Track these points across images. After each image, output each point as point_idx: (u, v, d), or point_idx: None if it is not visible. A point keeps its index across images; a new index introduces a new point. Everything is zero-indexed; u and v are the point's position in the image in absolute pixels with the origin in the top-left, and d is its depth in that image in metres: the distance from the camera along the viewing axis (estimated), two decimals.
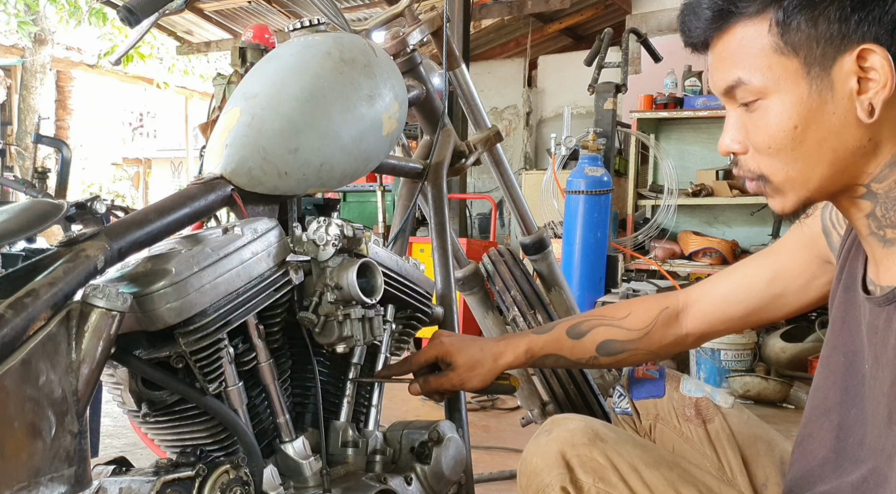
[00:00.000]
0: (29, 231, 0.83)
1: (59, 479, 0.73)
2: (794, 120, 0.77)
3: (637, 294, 3.73)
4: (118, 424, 2.79)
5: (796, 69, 0.77)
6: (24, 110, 9.15)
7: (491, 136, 1.64)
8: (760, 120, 0.80)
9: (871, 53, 0.74)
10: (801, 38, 0.76)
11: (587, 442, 0.82)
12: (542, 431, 0.86)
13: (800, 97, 0.77)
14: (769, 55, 0.78)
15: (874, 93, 0.74)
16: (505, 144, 7.54)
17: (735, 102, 0.82)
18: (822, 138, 0.77)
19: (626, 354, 1.16)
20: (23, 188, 4.02)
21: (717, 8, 0.80)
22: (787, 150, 0.79)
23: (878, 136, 0.77)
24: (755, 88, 0.79)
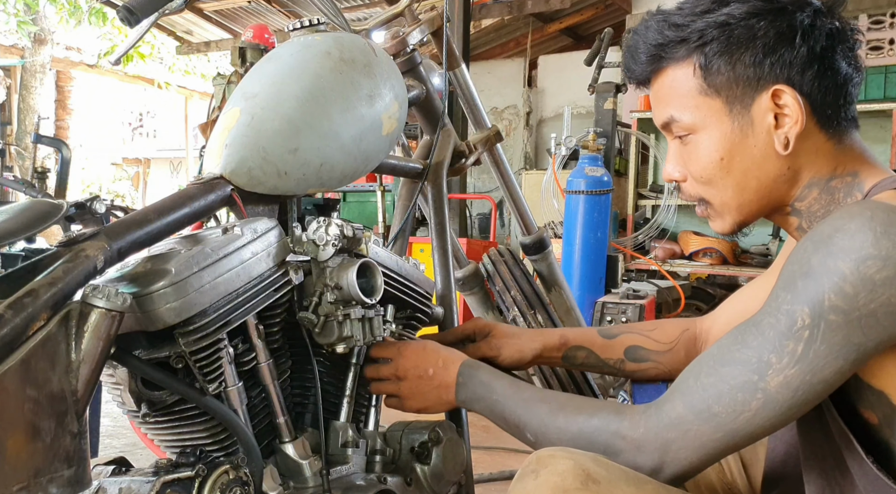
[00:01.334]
0: (28, 231, 0.82)
1: (59, 479, 0.73)
2: (720, 153, 0.87)
3: (637, 294, 3.73)
4: (118, 424, 2.79)
5: (720, 108, 0.86)
6: (24, 110, 9.15)
7: (491, 136, 1.64)
8: (693, 153, 0.89)
9: (783, 93, 0.83)
10: (722, 80, 0.85)
11: (580, 487, 0.77)
12: (528, 472, 0.82)
13: (724, 133, 0.86)
14: (695, 96, 0.87)
15: (788, 128, 0.83)
16: (505, 144, 7.54)
17: (672, 135, 0.92)
18: (746, 169, 0.86)
19: (650, 364, 1.19)
20: (22, 188, 4.01)
21: (650, 53, 0.90)
22: (718, 179, 0.88)
23: (796, 164, 0.86)
24: (685, 124, 0.89)
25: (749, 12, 0.83)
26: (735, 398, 0.78)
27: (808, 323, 0.74)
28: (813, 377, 0.75)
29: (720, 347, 0.82)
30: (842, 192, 0.85)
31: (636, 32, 0.92)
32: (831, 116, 0.85)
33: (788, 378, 0.75)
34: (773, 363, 0.76)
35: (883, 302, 0.71)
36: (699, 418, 0.80)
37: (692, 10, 0.86)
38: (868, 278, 0.71)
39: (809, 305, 0.74)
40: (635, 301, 3.60)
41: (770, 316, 0.77)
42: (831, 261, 0.73)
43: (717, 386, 0.79)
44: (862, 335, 0.73)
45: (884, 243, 0.71)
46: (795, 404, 0.77)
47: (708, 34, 0.85)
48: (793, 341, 0.75)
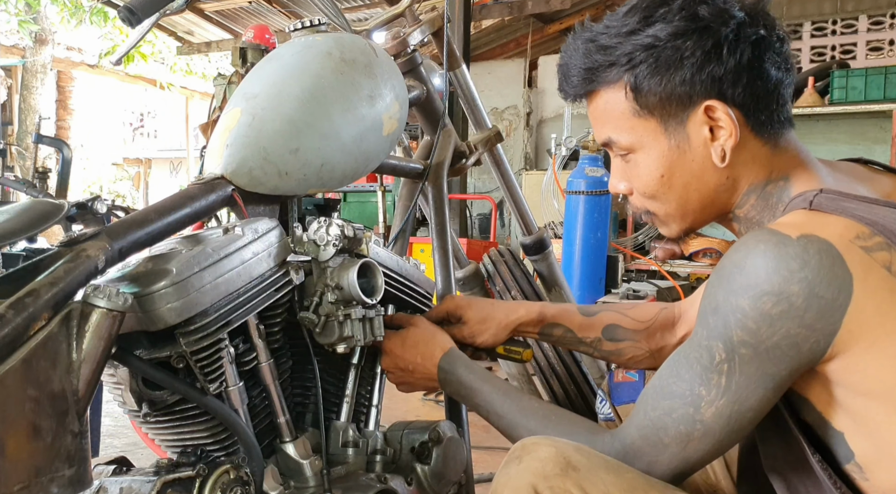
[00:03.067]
0: (30, 231, 0.83)
1: (60, 479, 0.73)
2: (660, 170, 0.89)
3: (637, 294, 3.73)
4: (119, 424, 2.79)
5: (655, 127, 0.88)
6: (25, 110, 9.15)
7: (491, 136, 1.64)
8: (634, 170, 0.92)
9: (715, 109, 0.84)
10: (654, 101, 0.86)
11: (559, 473, 0.81)
12: (512, 458, 0.85)
13: (662, 151, 0.88)
14: (630, 118, 0.89)
15: (724, 140, 0.85)
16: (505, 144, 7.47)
17: (613, 152, 0.93)
18: (686, 182, 0.89)
19: (627, 343, 1.19)
20: (23, 188, 4.01)
21: (581, 76, 0.91)
22: (660, 194, 0.91)
23: (734, 173, 0.88)
24: (623, 145, 0.91)
25: (674, 33, 0.84)
26: (679, 429, 0.83)
27: (724, 358, 0.79)
28: (741, 407, 0.80)
29: (661, 378, 0.86)
30: (774, 197, 0.88)
31: (566, 53, 0.92)
32: (765, 122, 0.86)
33: (720, 409, 0.80)
34: (703, 395, 0.81)
35: (783, 335, 0.75)
36: (655, 449, 0.85)
37: (618, 31, 0.87)
38: (766, 313, 0.75)
39: (722, 341, 0.78)
40: (636, 301, 3.60)
41: (694, 351, 0.81)
42: (733, 298, 0.77)
43: (663, 419, 0.84)
44: (773, 365, 0.77)
45: (775, 279, 0.74)
46: (732, 430, 0.81)
47: (636, 57, 0.85)
48: (716, 374, 0.80)
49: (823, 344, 0.75)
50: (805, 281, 0.74)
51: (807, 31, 5.42)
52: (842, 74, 4.47)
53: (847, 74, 4.49)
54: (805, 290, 0.74)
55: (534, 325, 1.22)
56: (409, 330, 1.14)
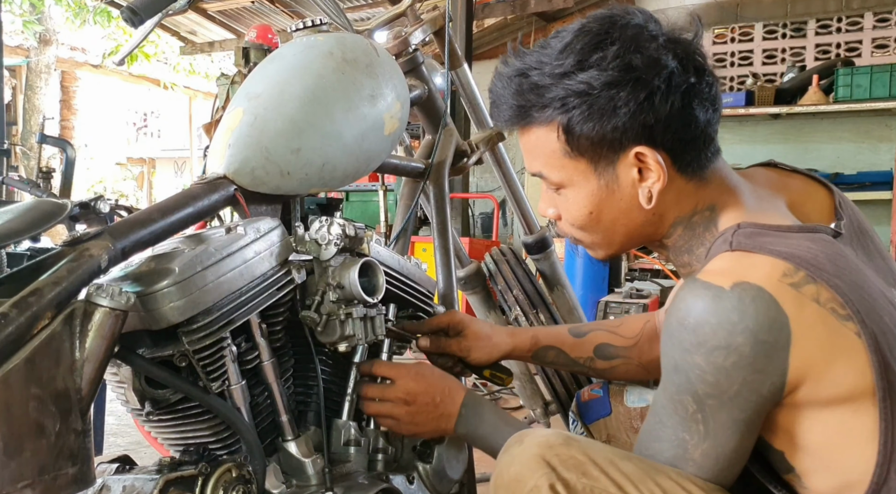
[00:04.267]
0: (33, 231, 0.83)
1: (63, 477, 0.73)
2: (588, 208, 0.92)
3: (640, 293, 3.73)
4: (122, 422, 2.79)
5: (585, 168, 0.90)
6: (29, 110, 9.18)
7: (493, 135, 1.64)
8: (563, 203, 0.95)
9: (644, 156, 0.87)
10: (585, 144, 0.88)
11: (563, 442, 0.85)
12: (512, 443, 0.88)
13: (591, 190, 0.91)
14: (560, 157, 0.91)
15: (651, 183, 0.88)
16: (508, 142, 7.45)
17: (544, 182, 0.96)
18: (614, 219, 0.92)
19: (619, 361, 1.23)
20: (27, 188, 4.02)
21: (513, 112, 0.92)
22: (588, 227, 0.94)
23: (660, 209, 0.91)
24: (554, 181, 0.93)
25: (608, 82, 0.85)
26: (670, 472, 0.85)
27: (696, 408, 0.83)
28: (724, 449, 0.83)
29: (649, 423, 0.89)
30: (700, 227, 0.91)
31: (497, 83, 0.94)
32: (691, 162, 0.89)
33: (706, 451, 0.84)
34: (688, 440, 0.85)
35: (741, 383, 0.79)
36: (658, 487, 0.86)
37: (551, 72, 0.87)
38: (720, 367, 0.79)
39: (689, 394, 0.82)
40: (638, 301, 3.60)
41: (670, 403, 0.85)
42: (688, 357, 0.81)
43: (657, 458, 0.87)
44: (740, 411, 0.81)
45: (721, 333, 0.78)
46: (723, 468, 0.85)
47: (569, 102, 0.87)
48: (693, 422, 0.84)
49: (779, 384, 0.79)
50: (747, 331, 0.77)
51: (811, 28, 5.40)
52: (846, 72, 4.46)
53: (852, 71, 4.47)
54: (749, 339, 0.78)
55: (527, 350, 1.25)
56: (422, 366, 1.13)
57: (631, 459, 0.85)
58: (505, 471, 0.86)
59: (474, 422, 1.09)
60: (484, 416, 1.09)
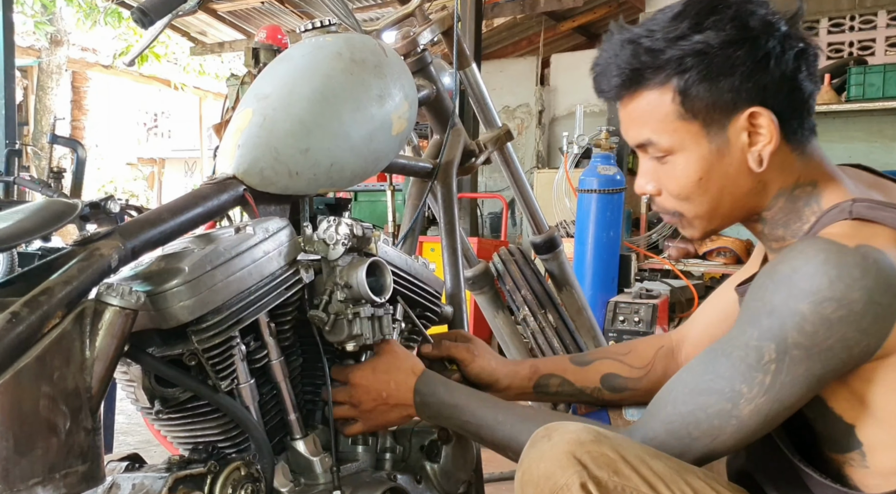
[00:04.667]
0: (44, 230, 0.84)
1: (74, 475, 0.74)
2: (698, 173, 0.91)
3: (650, 294, 3.72)
4: (132, 421, 2.81)
5: (697, 131, 0.90)
6: (41, 111, 9.24)
7: (501, 135, 1.64)
8: (670, 172, 0.93)
9: (759, 115, 0.87)
10: (700, 105, 0.88)
11: (594, 439, 0.84)
12: (539, 438, 0.87)
13: (702, 154, 0.90)
14: (673, 120, 0.90)
15: (762, 146, 0.88)
16: (517, 142, 7.45)
17: (647, 154, 0.95)
18: (722, 186, 0.91)
19: (629, 393, 1.21)
20: (39, 188, 4.06)
21: (624, 76, 0.91)
22: (695, 196, 0.93)
23: (766, 178, 0.91)
24: (663, 147, 0.92)
25: (726, 41, 0.86)
26: (712, 424, 0.86)
27: (774, 358, 0.82)
28: (780, 405, 0.84)
29: (694, 374, 0.89)
30: (802, 201, 0.92)
31: (605, 52, 0.93)
32: (796, 130, 0.90)
33: (759, 406, 0.84)
34: (744, 393, 0.84)
35: (839, 338, 0.80)
36: (681, 443, 0.88)
37: (665, 36, 0.88)
38: (825, 317, 0.80)
39: (775, 342, 0.82)
40: (648, 301, 3.59)
41: (739, 350, 0.85)
42: (792, 302, 0.81)
43: (696, 414, 0.87)
44: (821, 366, 0.82)
45: (839, 286, 0.79)
46: (764, 426, 0.86)
47: (686, 62, 0.87)
48: (761, 373, 0.83)
49: (874, 347, 0.81)
50: (865, 289, 0.79)
51: (823, 27, 5.36)
52: (859, 71, 4.42)
53: (865, 70, 4.43)
54: (864, 297, 0.79)
55: (528, 378, 1.20)
56: (377, 358, 1.10)
57: (661, 457, 0.85)
58: (533, 467, 0.85)
59: (432, 405, 1.07)
60: (441, 397, 1.06)
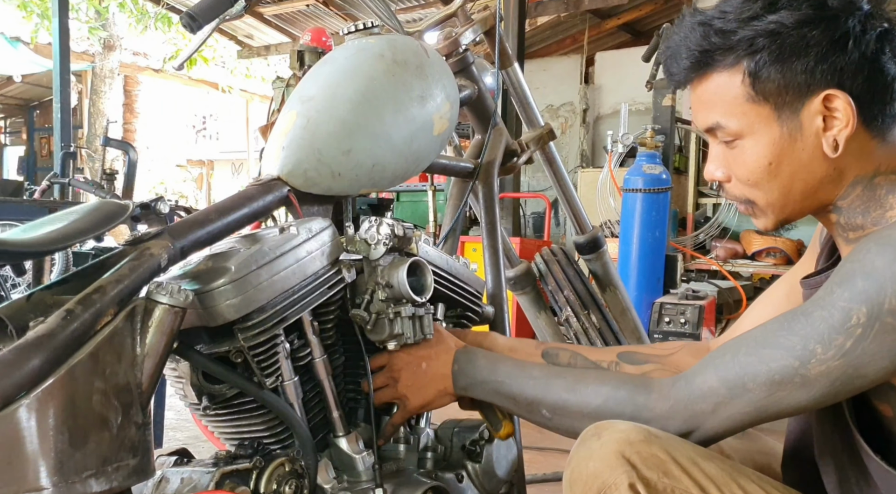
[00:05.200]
0: (97, 231, 0.86)
1: (125, 468, 0.76)
2: (768, 158, 0.87)
3: (697, 295, 3.65)
4: (181, 417, 2.88)
5: (768, 114, 0.86)
6: (94, 114, 9.52)
7: (544, 134, 1.63)
8: (739, 157, 0.89)
9: (835, 98, 0.83)
10: (771, 87, 0.84)
11: (644, 439, 0.82)
12: (589, 436, 0.86)
13: (772, 138, 0.86)
14: (742, 103, 0.86)
15: (838, 130, 0.84)
16: (561, 141, 7.42)
17: (716, 139, 0.91)
18: (793, 172, 0.87)
19: (652, 366, 1.13)
20: (92, 189, 4.19)
21: (694, 58, 0.88)
22: (765, 181, 0.89)
23: (841, 164, 0.86)
24: (732, 131, 0.88)
25: (800, 21, 0.82)
26: (772, 379, 0.81)
27: (863, 322, 0.77)
28: (854, 372, 0.78)
29: (764, 330, 0.84)
30: (884, 188, 0.86)
31: (676, 35, 0.91)
32: (877, 116, 0.85)
33: (830, 369, 0.79)
34: (817, 353, 0.79)
35: None
36: (731, 393, 0.84)
37: (738, 17, 0.85)
38: None
39: (868, 305, 0.77)
40: (695, 302, 3.52)
41: (822, 309, 0.80)
42: None
43: (756, 366, 0.82)
44: None
45: None
46: (829, 393, 0.81)
47: (758, 43, 0.84)
48: (843, 336, 0.78)
49: None
50: None
51: None
52: None
53: None
54: None
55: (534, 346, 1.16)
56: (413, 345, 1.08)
57: (713, 459, 0.83)
58: (582, 466, 0.84)
59: (473, 374, 1.04)
60: (482, 364, 1.04)
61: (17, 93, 11.34)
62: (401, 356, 1.08)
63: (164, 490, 0.94)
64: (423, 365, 1.07)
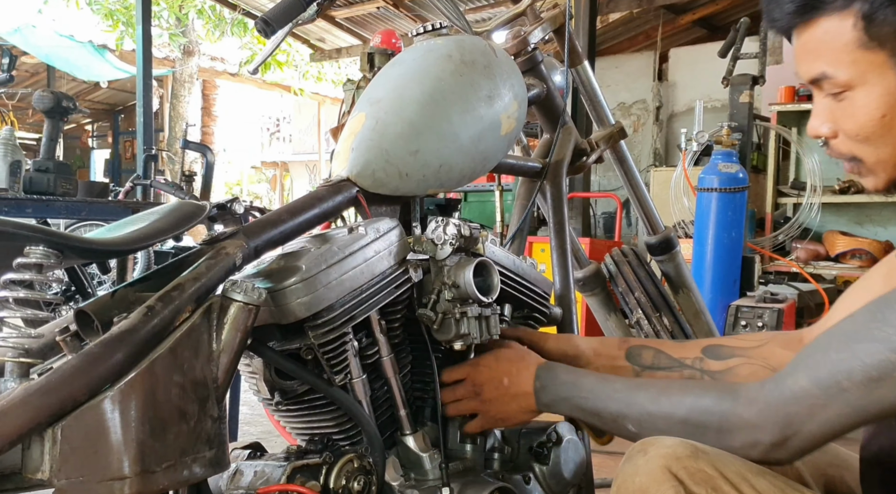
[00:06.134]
0: (176, 230, 0.90)
1: (201, 460, 0.78)
2: (881, 110, 0.80)
3: (775, 298, 3.52)
4: (255, 412, 2.96)
5: (882, 62, 0.79)
6: (174, 118, 9.91)
7: (614, 132, 1.60)
8: (848, 109, 0.82)
9: None
10: (887, 31, 0.77)
11: (690, 455, 0.79)
12: (636, 452, 0.83)
13: (886, 88, 0.79)
14: (854, 51, 0.79)
15: None
16: (633, 140, 7.28)
17: (822, 91, 0.84)
18: None
19: (738, 361, 1.07)
20: (172, 190, 4.35)
21: (800, 2, 0.81)
22: (876, 136, 0.81)
23: None
24: (841, 81, 0.81)
25: None
26: (869, 375, 0.74)
27: None
28: None
29: (854, 322, 0.77)
30: None
31: None
32: None
33: None
34: None
35: None
36: (826, 393, 0.77)
37: None
38: None
39: None
40: (773, 305, 3.39)
41: None
42: None
43: (849, 362, 0.75)
44: None
45: None
46: None
47: None
48: None
49: None
50: None
51: None
52: None
53: None
54: None
55: (618, 347, 1.13)
56: (502, 347, 1.08)
57: (764, 474, 0.79)
58: (629, 481, 0.81)
59: (555, 390, 1.01)
60: (565, 380, 1.01)
61: (103, 98, 11.89)
62: (482, 370, 1.07)
63: (238, 483, 0.97)
64: (505, 381, 1.05)
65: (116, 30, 9.77)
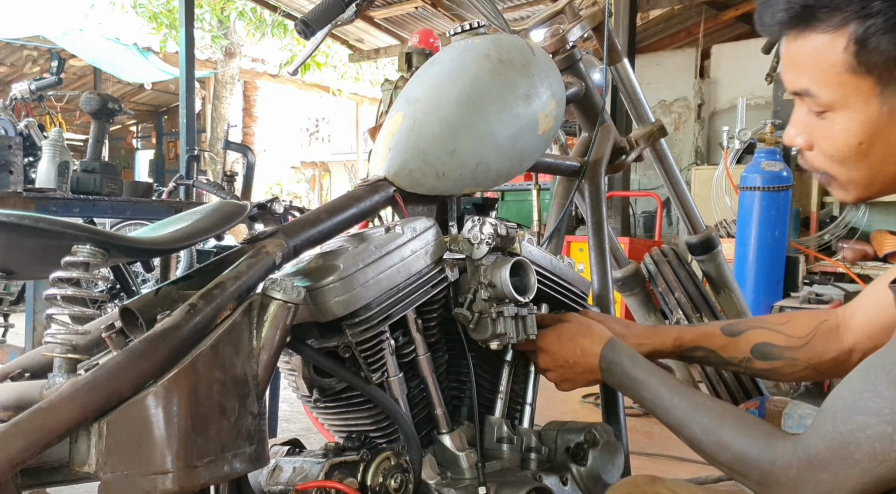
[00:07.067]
0: (218, 230, 0.91)
1: (241, 455, 0.80)
2: (859, 137, 0.78)
3: (820, 298, 3.44)
4: (294, 409, 2.99)
5: (868, 89, 0.77)
6: (216, 119, 10.08)
7: (654, 130, 1.58)
8: (826, 130, 0.81)
9: None
10: (878, 59, 0.75)
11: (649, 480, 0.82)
12: None
13: (868, 116, 0.78)
14: (841, 73, 0.77)
15: None
16: (675, 138, 7.17)
17: (804, 104, 0.83)
18: (885, 154, 0.79)
19: (783, 362, 1.10)
20: (214, 190, 4.43)
21: (793, 12, 0.79)
22: (850, 161, 0.80)
23: None
24: (823, 102, 0.80)
25: None
26: (874, 447, 0.75)
27: None
28: None
29: (852, 390, 0.77)
30: None
31: None
32: None
33: None
34: None
35: None
36: (844, 463, 0.77)
37: None
38: None
39: None
40: (818, 306, 3.32)
41: None
42: None
43: (855, 434, 0.76)
44: None
45: None
46: None
47: (873, 7, 0.74)
48: None
49: None
50: None
51: None
52: None
53: None
54: None
55: (670, 352, 1.16)
56: (562, 326, 1.12)
57: None
58: None
59: (616, 373, 1.05)
60: (625, 368, 1.04)
61: (147, 100, 12.15)
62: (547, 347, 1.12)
63: (278, 478, 0.99)
64: (570, 361, 1.10)
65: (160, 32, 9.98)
